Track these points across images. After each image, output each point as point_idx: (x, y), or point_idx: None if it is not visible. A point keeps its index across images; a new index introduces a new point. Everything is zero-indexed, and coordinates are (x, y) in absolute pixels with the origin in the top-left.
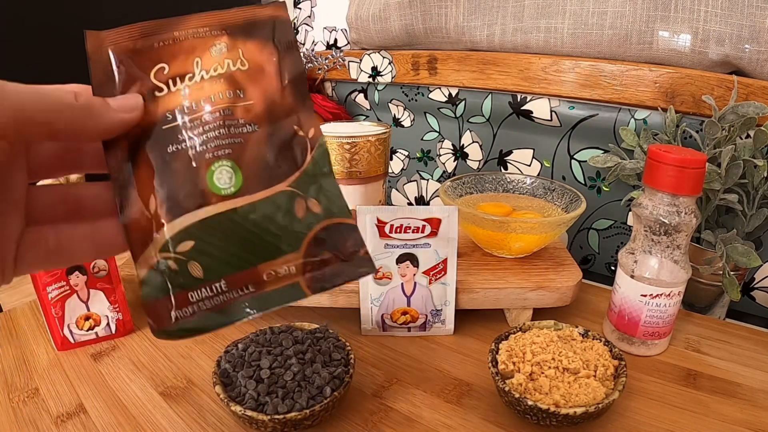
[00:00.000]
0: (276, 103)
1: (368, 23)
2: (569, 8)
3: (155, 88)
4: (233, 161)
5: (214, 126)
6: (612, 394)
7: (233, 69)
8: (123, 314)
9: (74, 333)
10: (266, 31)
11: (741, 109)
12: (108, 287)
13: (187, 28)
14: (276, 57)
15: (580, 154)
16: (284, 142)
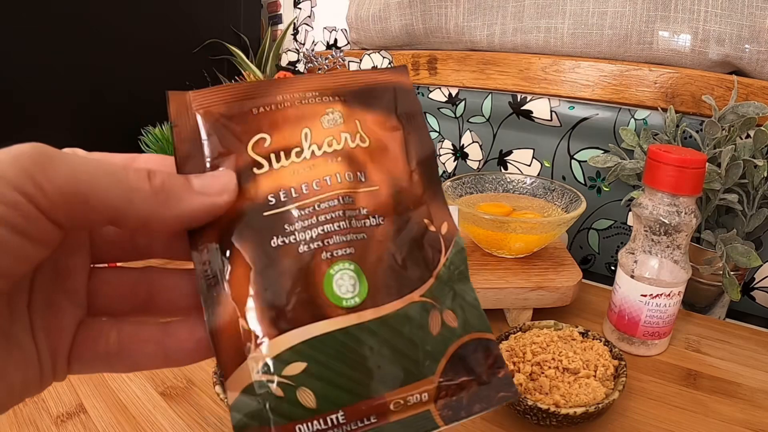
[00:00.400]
0: (404, 190)
1: (368, 23)
2: (569, 8)
3: (254, 164)
4: (356, 263)
5: (332, 217)
6: (612, 394)
7: (352, 145)
8: None
9: None
10: (387, 100)
11: (741, 109)
12: None
13: (292, 91)
14: (401, 132)
15: (580, 154)
16: (414, 239)
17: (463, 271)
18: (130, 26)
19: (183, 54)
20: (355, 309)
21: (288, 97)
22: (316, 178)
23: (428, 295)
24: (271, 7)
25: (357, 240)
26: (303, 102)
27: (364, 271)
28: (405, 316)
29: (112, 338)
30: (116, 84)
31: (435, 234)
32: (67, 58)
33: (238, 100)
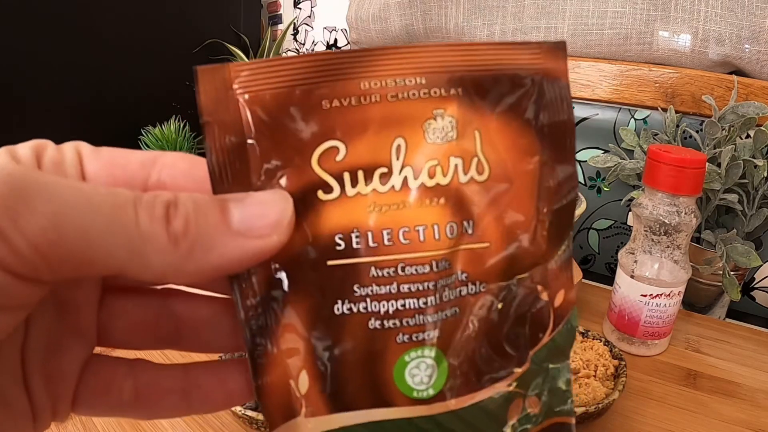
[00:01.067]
0: (524, 249)
1: (368, 23)
2: (569, 8)
3: (320, 185)
4: (439, 349)
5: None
6: (612, 394)
7: (463, 180)
8: None
9: None
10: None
11: (741, 109)
12: None
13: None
14: (538, 159)
15: (580, 154)
16: (519, 314)
17: (565, 351)
18: (130, 26)
19: (183, 54)
20: (427, 401)
21: (377, 84)
22: (405, 226)
23: (518, 383)
24: (271, 7)
25: (446, 319)
26: (400, 94)
27: (447, 356)
28: (483, 409)
29: (127, 388)
30: (116, 84)
31: (546, 306)
32: (67, 58)
33: (303, 83)
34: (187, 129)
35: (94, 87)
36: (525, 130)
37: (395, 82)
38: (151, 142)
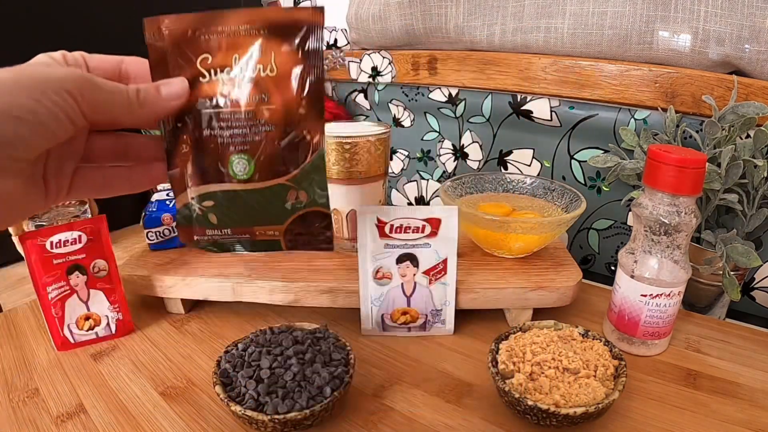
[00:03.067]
0: (292, 111)
1: (368, 23)
2: (569, 8)
3: (200, 74)
4: (249, 155)
5: (240, 124)
6: (612, 394)
7: (263, 75)
8: (123, 314)
9: (74, 333)
10: (299, 37)
11: (741, 109)
12: (108, 287)
13: (231, 24)
14: (301, 68)
15: (580, 154)
16: (292, 143)
17: (320, 167)
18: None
19: None
20: (244, 182)
21: (227, 28)
22: (236, 96)
23: (292, 180)
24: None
25: (253, 141)
26: (237, 34)
27: (254, 160)
28: (272, 190)
29: (99, 177)
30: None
31: (308, 142)
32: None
33: (193, 27)
34: None
35: None
36: (297, 53)
37: (236, 27)
38: None
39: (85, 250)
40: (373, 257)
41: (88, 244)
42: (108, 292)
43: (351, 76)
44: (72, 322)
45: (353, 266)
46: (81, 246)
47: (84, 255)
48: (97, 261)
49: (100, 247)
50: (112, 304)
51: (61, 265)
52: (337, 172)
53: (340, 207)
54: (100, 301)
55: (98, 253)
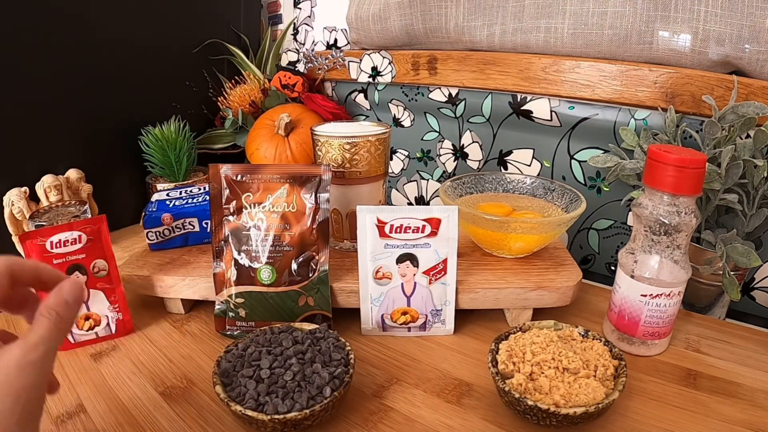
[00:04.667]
0: (306, 238)
1: (368, 23)
2: (569, 8)
3: (243, 206)
4: (273, 267)
5: (268, 243)
6: (612, 394)
7: (287, 210)
8: (123, 314)
9: (74, 333)
10: (313, 185)
11: (741, 109)
12: (108, 287)
13: (267, 173)
14: (313, 208)
15: (580, 154)
16: (305, 261)
17: (325, 280)
18: (130, 26)
19: (183, 54)
20: (268, 285)
21: (264, 176)
22: (268, 223)
23: (303, 288)
24: (271, 7)
25: (277, 256)
26: (270, 180)
27: (276, 270)
28: (288, 294)
29: None
30: (117, 84)
31: (316, 260)
32: (67, 58)
33: (241, 172)
34: (187, 129)
35: (95, 87)
36: (311, 197)
37: (270, 176)
38: (151, 142)
39: (85, 250)
40: (373, 257)
41: (88, 244)
42: (108, 292)
43: (351, 76)
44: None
45: (353, 266)
46: (81, 246)
47: (84, 255)
48: (97, 261)
49: (100, 246)
50: (111, 304)
51: (62, 265)
52: (337, 172)
53: (340, 207)
54: (100, 301)
55: (98, 253)
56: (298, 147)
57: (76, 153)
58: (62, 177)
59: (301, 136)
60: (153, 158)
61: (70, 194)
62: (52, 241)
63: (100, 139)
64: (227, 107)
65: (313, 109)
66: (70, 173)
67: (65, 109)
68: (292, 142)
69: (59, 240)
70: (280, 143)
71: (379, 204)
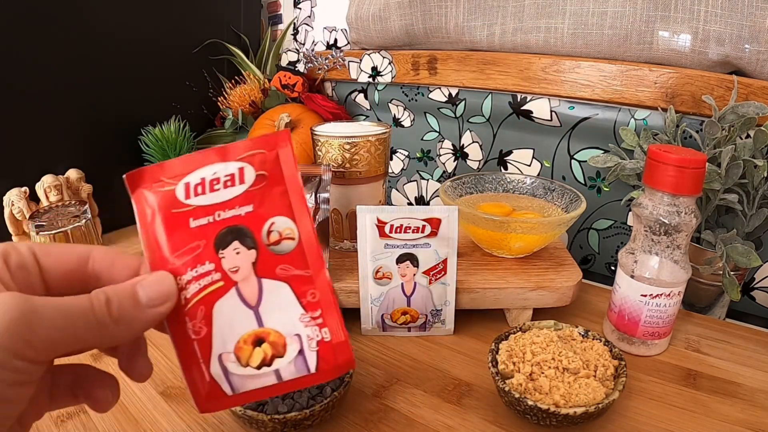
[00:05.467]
0: None
1: (368, 23)
2: (569, 8)
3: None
4: None
5: None
6: (612, 394)
7: None
8: (331, 330)
9: (232, 374)
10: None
11: (741, 109)
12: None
13: None
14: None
15: (580, 154)
16: None
17: None
18: (130, 26)
19: (183, 54)
20: None
21: None
22: None
23: None
24: (271, 7)
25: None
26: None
27: None
28: None
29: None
30: (116, 83)
31: None
32: (67, 58)
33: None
34: (187, 129)
35: (95, 87)
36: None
37: None
38: (151, 142)
39: (253, 197)
40: (372, 257)
41: (259, 187)
42: (299, 284)
43: (351, 76)
44: (228, 350)
45: (353, 266)
46: (244, 190)
47: (250, 208)
48: (277, 220)
49: (282, 191)
50: (307, 309)
51: (207, 230)
52: (338, 172)
53: (340, 207)
54: (282, 304)
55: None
56: (298, 147)
57: (76, 153)
58: (62, 177)
59: (301, 136)
60: (153, 158)
61: (70, 194)
62: (190, 184)
63: (100, 139)
64: (227, 107)
65: (313, 109)
66: (70, 173)
67: (65, 109)
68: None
69: (202, 180)
70: None
71: (379, 204)
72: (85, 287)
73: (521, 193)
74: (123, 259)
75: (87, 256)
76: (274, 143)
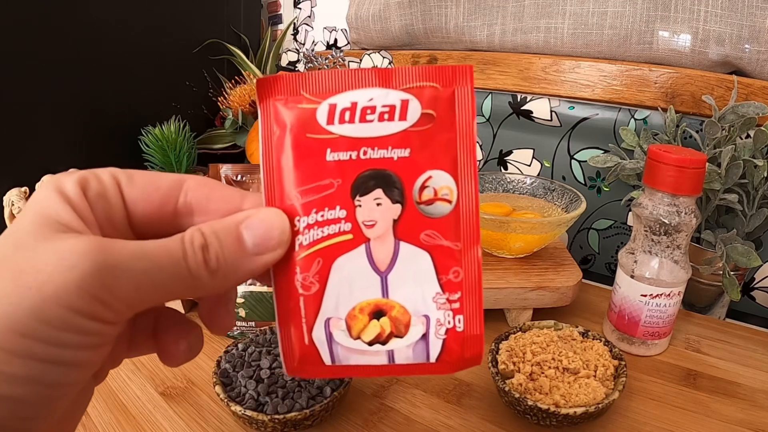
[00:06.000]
0: None
1: (368, 23)
2: (569, 8)
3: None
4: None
5: None
6: (612, 394)
7: None
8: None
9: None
10: None
11: (741, 109)
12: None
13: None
14: None
15: (580, 154)
16: None
17: None
18: (130, 26)
19: (183, 54)
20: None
21: None
22: None
23: None
24: (271, 7)
25: None
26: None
27: None
28: None
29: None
30: (116, 83)
31: None
32: (67, 57)
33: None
34: (187, 129)
35: (95, 87)
36: None
37: None
38: (151, 142)
39: (412, 139)
40: None
41: (423, 129)
42: (443, 257)
43: None
44: (339, 316)
45: None
46: (404, 128)
47: (407, 152)
48: (436, 174)
49: (450, 140)
50: (446, 290)
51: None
52: None
53: None
54: (418, 277)
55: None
56: None
57: (76, 153)
58: None
59: None
60: (153, 158)
61: None
62: (337, 106)
63: (100, 139)
64: (227, 107)
65: None
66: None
67: (65, 109)
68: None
69: (353, 104)
70: None
71: None
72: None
73: (521, 193)
74: (221, 191)
75: (180, 185)
76: (452, 78)
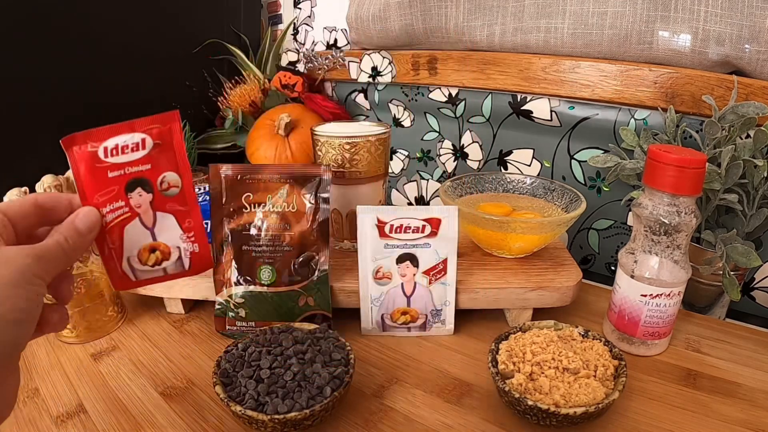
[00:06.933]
0: (306, 237)
1: (368, 23)
2: (569, 8)
3: (243, 207)
4: (273, 266)
5: (268, 243)
6: (612, 394)
7: (287, 209)
8: (199, 246)
9: (136, 268)
10: (313, 185)
11: (741, 109)
12: (180, 210)
13: (268, 172)
14: (314, 207)
15: (580, 154)
16: (305, 261)
17: (325, 281)
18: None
19: (183, 54)
20: (268, 285)
21: (264, 176)
22: (267, 223)
23: (303, 288)
24: (271, 7)
25: (276, 256)
26: (270, 180)
27: (276, 270)
28: (288, 294)
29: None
30: (116, 83)
31: (316, 261)
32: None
33: (241, 173)
34: (187, 129)
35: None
36: (311, 197)
37: (270, 176)
38: None
39: (151, 158)
40: (372, 257)
41: (155, 151)
42: (180, 216)
43: (351, 76)
44: (133, 255)
45: (353, 266)
46: (145, 153)
47: (149, 166)
48: (167, 175)
49: (171, 155)
50: (185, 232)
51: (119, 179)
52: (338, 172)
53: (340, 207)
54: (169, 228)
55: (168, 164)
56: (298, 147)
57: None
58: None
59: (301, 136)
60: None
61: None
62: (107, 147)
63: None
64: (227, 107)
65: (313, 109)
66: (70, 173)
67: (65, 109)
68: (292, 142)
69: (116, 145)
70: (280, 143)
71: (379, 204)
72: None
73: (521, 193)
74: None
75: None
76: (168, 120)
